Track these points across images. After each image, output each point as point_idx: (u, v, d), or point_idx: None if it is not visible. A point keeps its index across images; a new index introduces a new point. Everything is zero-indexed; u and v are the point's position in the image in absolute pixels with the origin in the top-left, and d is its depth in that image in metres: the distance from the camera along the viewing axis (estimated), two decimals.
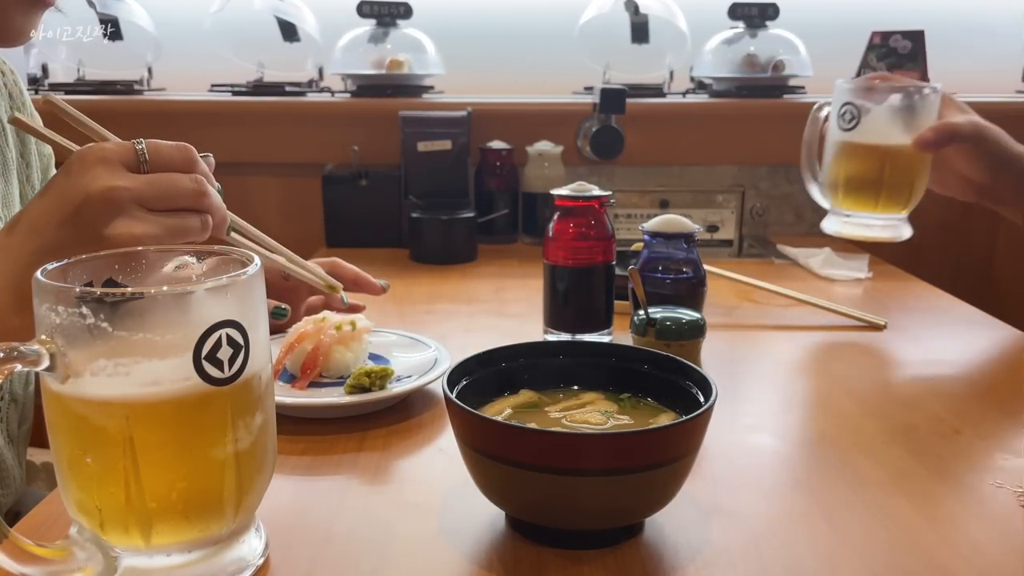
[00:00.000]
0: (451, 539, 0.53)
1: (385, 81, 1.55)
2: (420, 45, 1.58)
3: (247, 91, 1.59)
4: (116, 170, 0.57)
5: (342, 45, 1.58)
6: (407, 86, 1.56)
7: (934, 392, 0.78)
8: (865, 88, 1.00)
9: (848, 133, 1.01)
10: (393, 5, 1.54)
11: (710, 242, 1.38)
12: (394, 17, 1.56)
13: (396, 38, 1.58)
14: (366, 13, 1.55)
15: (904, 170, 1.00)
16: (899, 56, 1.58)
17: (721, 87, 1.61)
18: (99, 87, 1.61)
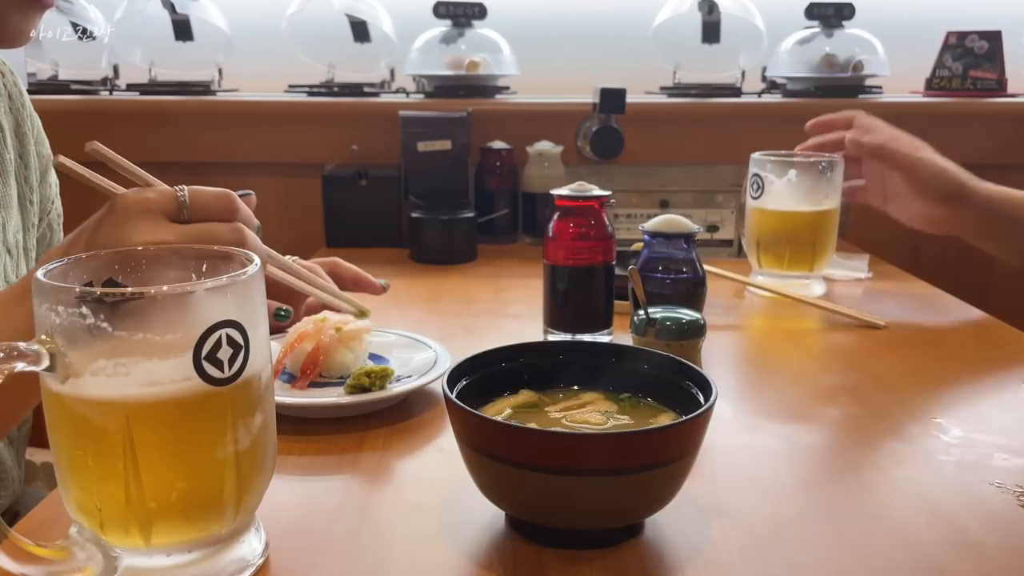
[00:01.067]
0: (451, 539, 0.53)
1: (460, 82, 1.55)
2: (495, 45, 1.58)
3: (321, 92, 1.59)
4: (158, 222, 0.58)
5: (418, 47, 1.58)
6: (482, 87, 1.57)
7: (934, 392, 0.78)
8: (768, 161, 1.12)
9: (756, 201, 1.13)
10: (468, 6, 1.55)
11: (710, 242, 1.38)
12: (469, 18, 1.56)
13: (471, 39, 1.58)
14: (442, 14, 1.56)
15: (804, 233, 1.11)
16: (975, 56, 1.58)
17: (797, 87, 1.61)
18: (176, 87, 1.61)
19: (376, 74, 1.64)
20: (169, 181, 1.01)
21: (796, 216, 1.11)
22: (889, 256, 1.32)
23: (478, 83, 1.56)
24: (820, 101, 1.55)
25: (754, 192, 1.13)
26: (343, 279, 0.90)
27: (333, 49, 1.63)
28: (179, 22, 1.57)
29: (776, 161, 1.12)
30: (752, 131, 1.53)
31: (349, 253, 1.02)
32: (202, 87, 1.61)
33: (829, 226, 1.12)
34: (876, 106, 1.53)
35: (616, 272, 0.88)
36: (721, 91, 1.61)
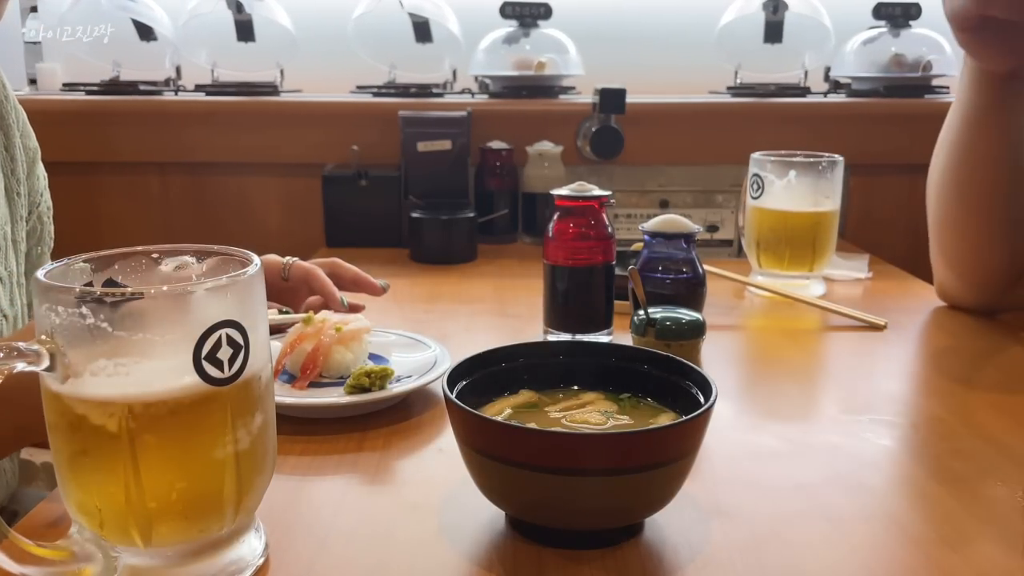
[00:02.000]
0: (451, 539, 0.53)
1: (526, 82, 1.55)
2: (561, 46, 1.58)
3: (385, 93, 1.59)
4: None
5: (484, 47, 1.58)
6: (547, 87, 1.57)
7: (934, 392, 0.78)
8: (768, 161, 1.12)
9: (756, 201, 1.13)
10: (534, 6, 1.55)
11: (710, 242, 1.38)
12: (535, 18, 1.56)
13: (536, 39, 1.58)
14: (508, 14, 1.56)
15: (804, 233, 1.11)
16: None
17: (863, 87, 1.61)
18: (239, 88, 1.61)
19: (438, 75, 1.64)
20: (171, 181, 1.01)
21: (796, 216, 1.11)
22: (889, 256, 1.32)
23: (543, 83, 1.56)
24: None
25: (754, 192, 1.13)
26: (343, 280, 0.90)
27: (396, 50, 1.63)
28: (242, 23, 1.57)
29: (776, 161, 1.12)
30: (752, 131, 1.53)
31: (349, 253, 1.02)
32: (267, 88, 1.61)
33: (829, 226, 1.12)
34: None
35: (616, 272, 0.88)
36: (787, 91, 1.61)
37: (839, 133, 1.51)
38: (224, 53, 1.63)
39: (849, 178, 1.48)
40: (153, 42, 1.61)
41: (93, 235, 1.57)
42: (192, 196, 1.58)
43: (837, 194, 1.12)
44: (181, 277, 0.50)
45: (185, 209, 1.58)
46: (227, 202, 1.58)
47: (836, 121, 1.55)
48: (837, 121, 1.55)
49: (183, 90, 1.63)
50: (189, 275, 0.49)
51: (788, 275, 1.12)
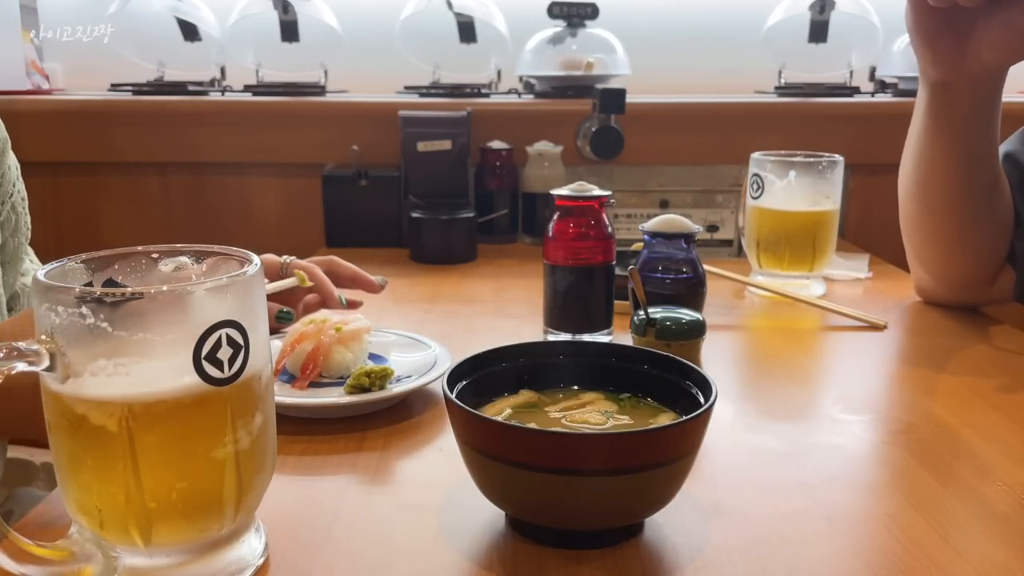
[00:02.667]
0: (451, 539, 0.53)
1: (573, 82, 1.55)
2: (609, 46, 1.58)
3: (432, 93, 1.59)
4: None
5: (531, 47, 1.58)
6: (593, 87, 1.57)
7: (934, 392, 0.78)
8: (768, 161, 1.12)
9: (756, 201, 1.13)
10: (581, 6, 1.55)
11: (710, 242, 1.38)
12: (582, 18, 1.56)
13: (583, 39, 1.58)
14: (556, 14, 1.56)
15: (804, 233, 1.11)
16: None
17: (910, 86, 1.60)
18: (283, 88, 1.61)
19: (483, 75, 1.64)
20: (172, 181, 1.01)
21: (796, 216, 1.11)
22: (889, 256, 1.32)
23: (591, 83, 1.56)
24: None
25: (754, 192, 1.13)
26: (341, 277, 0.90)
27: (440, 50, 1.63)
28: (287, 23, 1.57)
29: (776, 161, 1.12)
30: (753, 131, 1.53)
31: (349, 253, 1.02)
32: (313, 88, 1.61)
33: (829, 226, 1.12)
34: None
35: (616, 272, 0.88)
36: (834, 91, 1.61)
37: (839, 133, 1.51)
38: (269, 53, 1.63)
39: (849, 178, 1.48)
40: (198, 42, 1.61)
41: (93, 235, 1.58)
42: (192, 196, 1.58)
43: (837, 194, 1.12)
44: (181, 277, 0.50)
45: (185, 209, 1.58)
46: (227, 202, 1.58)
47: (836, 121, 1.55)
48: (837, 121, 1.55)
49: (230, 90, 1.64)
50: (189, 275, 0.49)
51: (788, 275, 1.12)
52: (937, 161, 0.94)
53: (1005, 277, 0.99)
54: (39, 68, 1.66)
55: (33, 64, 1.65)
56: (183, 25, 1.59)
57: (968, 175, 0.93)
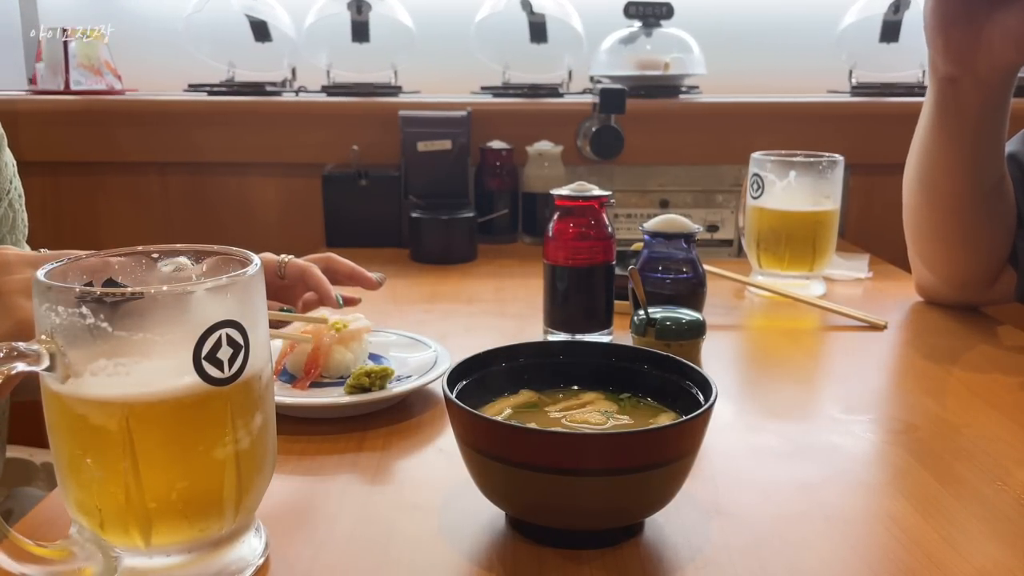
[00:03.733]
0: (451, 539, 0.53)
1: (648, 82, 1.55)
2: (685, 45, 1.58)
3: (504, 93, 1.60)
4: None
5: (606, 47, 1.59)
6: (669, 87, 1.57)
7: (934, 392, 0.78)
8: (768, 161, 1.12)
9: (756, 201, 1.13)
10: (657, 5, 1.55)
11: (710, 242, 1.38)
12: (657, 17, 1.57)
13: (659, 38, 1.58)
14: (632, 14, 1.56)
15: (804, 233, 1.11)
16: None
17: None
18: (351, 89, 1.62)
19: (553, 75, 1.64)
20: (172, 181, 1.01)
21: (796, 216, 1.11)
22: (889, 256, 1.32)
23: (668, 83, 1.56)
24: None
25: (754, 192, 1.13)
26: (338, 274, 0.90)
27: (512, 50, 1.63)
28: (358, 24, 1.57)
29: (776, 161, 1.12)
30: (753, 131, 1.53)
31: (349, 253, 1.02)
32: (386, 89, 1.61)
33: (829, 226, 1.12)
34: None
35: (616, 272, 0.88)
36: (908, 91, 1.62)
37: (839, 133, 1.51)
38: (341, 54, 1.64)
39: (849, 178, 1.48)
40: (268, 43, 1.62)
41: (93, 235, 1.58)
42: (192, 196, 1.58)
43: (837, 194, 1.12)
44: (180, 278, 0.50)
45: (185, 209, 1.58)
46: (227, 202, 1.58)
47: (836, 121, 1.55)
48: (837, 121, 1.55)
49: (304, 91, 1.64)
50: (188, 276, 0.49)
51: (788, 275, 1.12)
52: (943, 160, 0.94)
53: (1006, 278, 0.99)
54: (112, 68, 1.66)
55: (107, 64, 1.65)
56: (255, 26, 1.60)
57: (974, 175, 0.93)
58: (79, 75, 1.61)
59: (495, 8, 1.58)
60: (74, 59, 1.60)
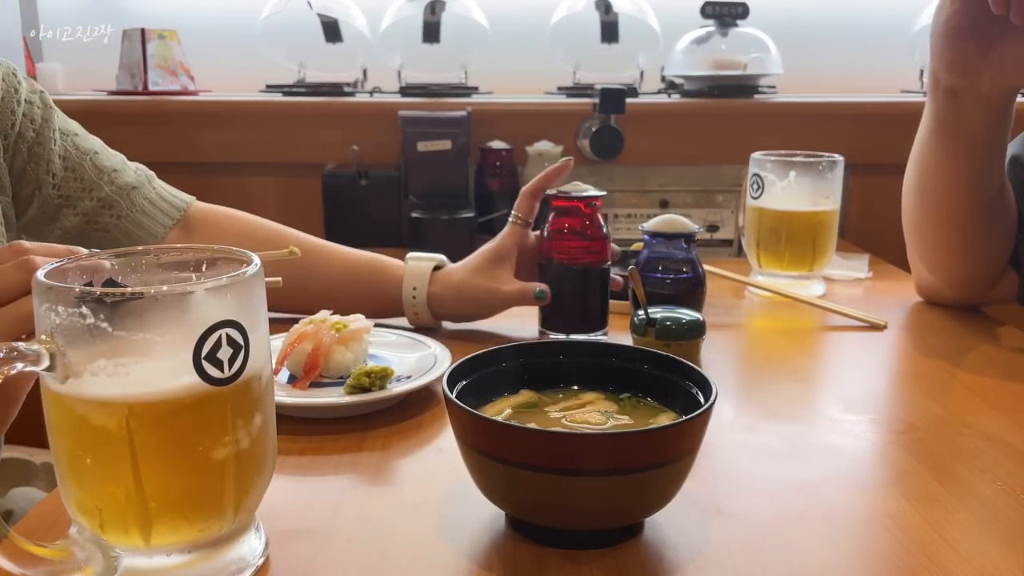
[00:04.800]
0: (451, 539, 0.53)
1: (725, 82, 1.56)
2: (763, 45, 1.59)
3: (576, 93, 1.60)
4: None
5: (681, 48, 1.59)
6: (746, 87, 1.57)
7: (934, 392, 0.78)
8: (768, 161, 1.12)
9: (756, 201, 1.13)
10: (733, 5, 1.56)
11: (710, 242, 1.38)
12: (734, 17, 1.57)
13: (734, 38, 1.59)
14: (709, 14, 1.57)
15: (804, 233, 1.11)
16: None
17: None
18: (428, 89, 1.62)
19: (623, 75, 1.65)
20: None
21: (796, 216, 1.11)
22: (889, 256, 1.32)
23: (745, 83, 1.56)
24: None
25: (754, 192, 1.13)
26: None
27: (583, 50, 1.64)
28: (429, 24, 1.58)
29: (776, 161, 1.12)
30: (753, 131, 1.53)
31: None
32: (458, 89, 1.61)
33: (829, 226, 1.12)
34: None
35: (616, 272, 0.88)
36: None
37: (839, 133, 1.51)
38: (412, 55, 1.65)
39: (849, 178, 1.48)
40: (339, 44, 1.62)
41: None
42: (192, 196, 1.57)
43: (837, 194, 1.12)
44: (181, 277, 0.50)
45: None
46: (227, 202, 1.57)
47: (836, 121, 1.55)
48: (837, 121, 1.55)
49: (379, 91, 1.65)
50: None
51: (788, 275, 1.12)
52: (941, 172, 0.93)
53: (1007, 279, 0.99)
54: (186, 69, 1.67)
55: (181, 65, 1.65)
56: (326, 27, 1.60)
57: (973, 187, 0.92)
58: (156, 76, 1.61)
59: (572, 9, 1.59)
60: (152, 60, 1.60)
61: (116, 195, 0.88)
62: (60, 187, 0.85)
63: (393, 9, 1.61)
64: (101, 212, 0.87)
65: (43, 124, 0.84)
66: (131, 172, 0.91)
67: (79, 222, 0.86)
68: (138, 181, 0.91)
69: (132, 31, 1.60)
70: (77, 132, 0.89)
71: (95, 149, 0.89)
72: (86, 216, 0.86)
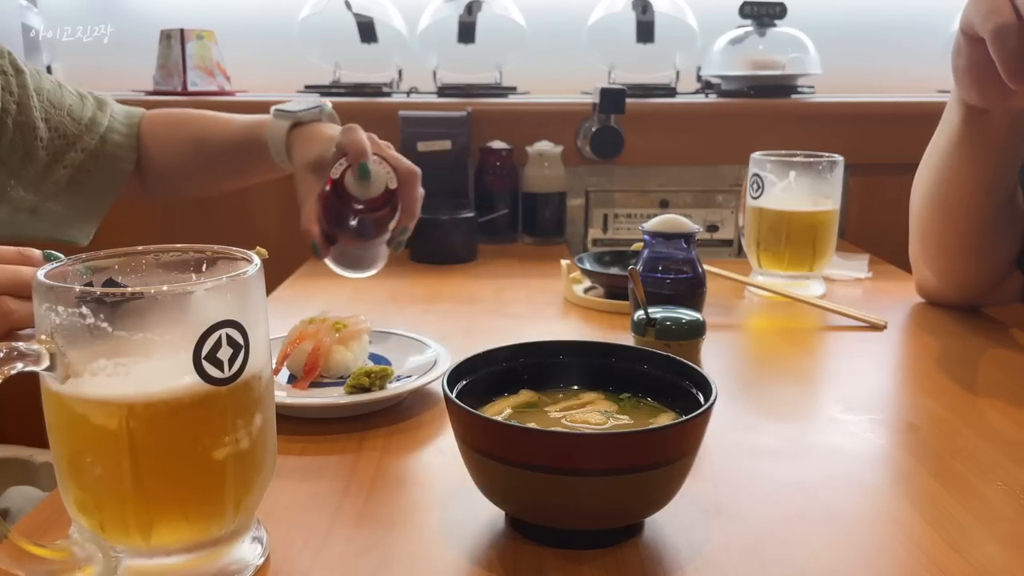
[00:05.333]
0: (451, 539, 0.53)
1: (762, 82, 1.56)
2: (801, 45, 1.59)
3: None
4: None
5: (719, 48, 1.59)
6: (787, 87, 1.57)
7: (934, 392, 0.78)
8: (768, 161, 1.12)
9: (756, 201, 1.13)
10: (771, 5, 1.56)
11: (710, 242, 1.38)
12: (772, 17, 1.58)
13: (773, 38, 1.59)
14: (747, 13, 1.57)
15: (804, 233, 1.11)
16: None
17: None
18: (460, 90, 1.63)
19: (659, 75, 1.66)
20: None
21: (796, 216, 1.11)
22: (889, 256, 1.32)
23: (783, 83, 1.56)
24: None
25: (754, 192, 1.13)
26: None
27: (619, 50, 1.64)
28: (465, 24, 1.59)
29: (776, 161, 1.12)
30: (753, 131, 1.53)
31: None
32: (494, 89, 1.62)
33: (829, 226, 1.12)
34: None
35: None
36: None
37: (839, 133, 1.51)
38: (447, 55, 1.65)
39: (849, 178, 1.48)
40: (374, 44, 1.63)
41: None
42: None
43: (837, 194, 1.12)
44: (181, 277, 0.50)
45: (185, 209, 1.58)
46: (227, 202, 1.58)
47: (836, 121, 1.55)
48: (837, 121, 1.55)
49: (416, 92, 1.65)
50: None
51: (788, 275, 1.12)
52: (961, 183, 0.92)
53: (1011, 280, 0.99)
54: (223, 69, 1.67)
55: (218, 65, 1.66)
56: (362, 28, 1.61)
57: (990, 195, 0.92)
58: (195, 76, 1.62)
59: (611, 9, 1.59)
60: (191, 60, 1.60)
61: (94, 140, 0.92)
62: (48, 147, 0.88)
63: (431, 9, 1.62)
64: (86, 160, 0.92)
65: (21, 92, 0.85)
66: (90, 106, 0.94)
67: (67, 174, 0.90)
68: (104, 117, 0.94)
69: (171, 31, 1.60)
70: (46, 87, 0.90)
71: (66, 101, 0.91)
72: (73, 166, 0.91)
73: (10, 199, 0.86)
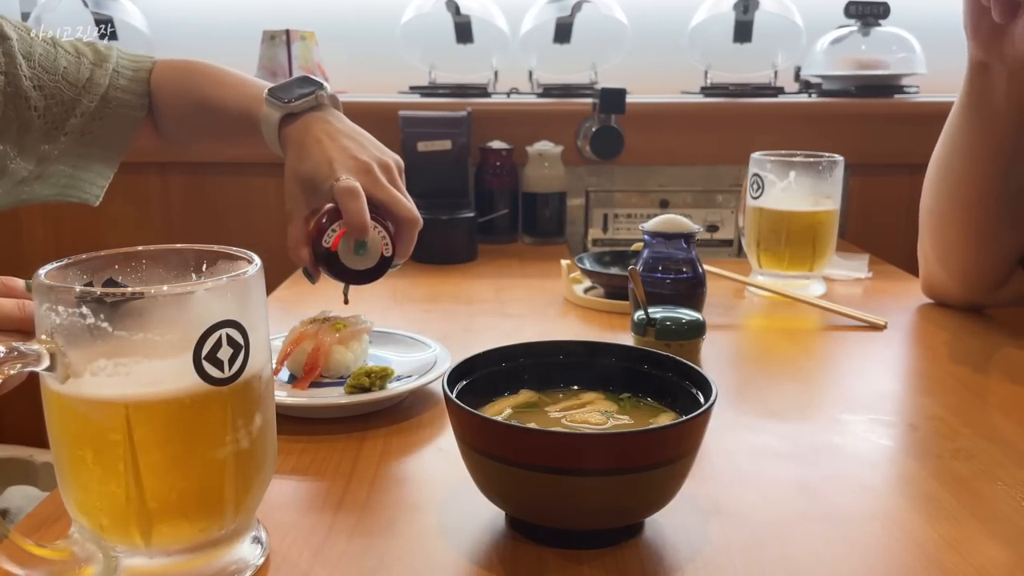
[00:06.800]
0: (451, 539, 0.53)
1: (865, 82, 1.56)
2: (908, 44, 1.59)
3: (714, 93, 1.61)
4: None
5: (822, 48, 1.59)
6: (885, 87, 1.57)
7: (934, 392, 0.78)
8: (768, 161, 1.12)
9: (756, 200, 1.13)
10: (875, 5, 1.56)
11: (710, 242, 1.38)
12: (876, 17, 1.58)
13: (876, 37, 1.59)
14: (852, 13, 1.57)
15: (804, 233, 1.11)
16: None
17: None
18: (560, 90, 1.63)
19: (755, 75, 1.66)
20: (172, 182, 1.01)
21: (796, 216, 1.11)
22: (889, 256, 1.32)
23: (888, 83, 1.56)
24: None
25: (754, 192, 1.13)
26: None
27: (716, 50, 1.65)
28: (562, 25, 1.59)
29: (776, 161, 1.12)
30: (753, 131, 1.53)
31: None
32: (585, 90, 1.62)
33: (829, 226, 1.12)
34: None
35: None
36: None
37: (839, 133, 1.51)
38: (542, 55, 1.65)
39: (849, 178, 1.48)
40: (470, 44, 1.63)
41: (93, 235, 1.57)
42: (192, 196, 1.58)
43: (837, 194, 1.12)
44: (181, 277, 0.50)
45: (185, 209, 1.58)
46: (227, 202, 1.58)
47: (836, 121, 1.55)
48: (837, 121, 1.55)
49: (516, 92, 1.65)
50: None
51: (788, 275, 1.12)
52: (964, 152, 0.93)
53: (1015, 281, 0.99)
54: (323, 70, 1.66)
55: (319, 66, 1.65)
56: (459, 28, 1.61)
57: (999, 172, 0.92)
58: None
59: (714, 10, 1.60)
60: (295, 61, 1.59)
61: (93, 102, 0.86)
62: (44, 115, 0.83)
63: (535, 11, 1.62)
64: (88, 123, 0.86)
65: (7, 61, 0.81)
66: (87, 64, 0.87)
67: (71, 138, 0.85)
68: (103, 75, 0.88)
69: (276, 32, 1.58)
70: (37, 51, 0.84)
71: (60, 64, 0.85)
72: (75, 131, 0.86)
73: (12, 172, 0.82)
